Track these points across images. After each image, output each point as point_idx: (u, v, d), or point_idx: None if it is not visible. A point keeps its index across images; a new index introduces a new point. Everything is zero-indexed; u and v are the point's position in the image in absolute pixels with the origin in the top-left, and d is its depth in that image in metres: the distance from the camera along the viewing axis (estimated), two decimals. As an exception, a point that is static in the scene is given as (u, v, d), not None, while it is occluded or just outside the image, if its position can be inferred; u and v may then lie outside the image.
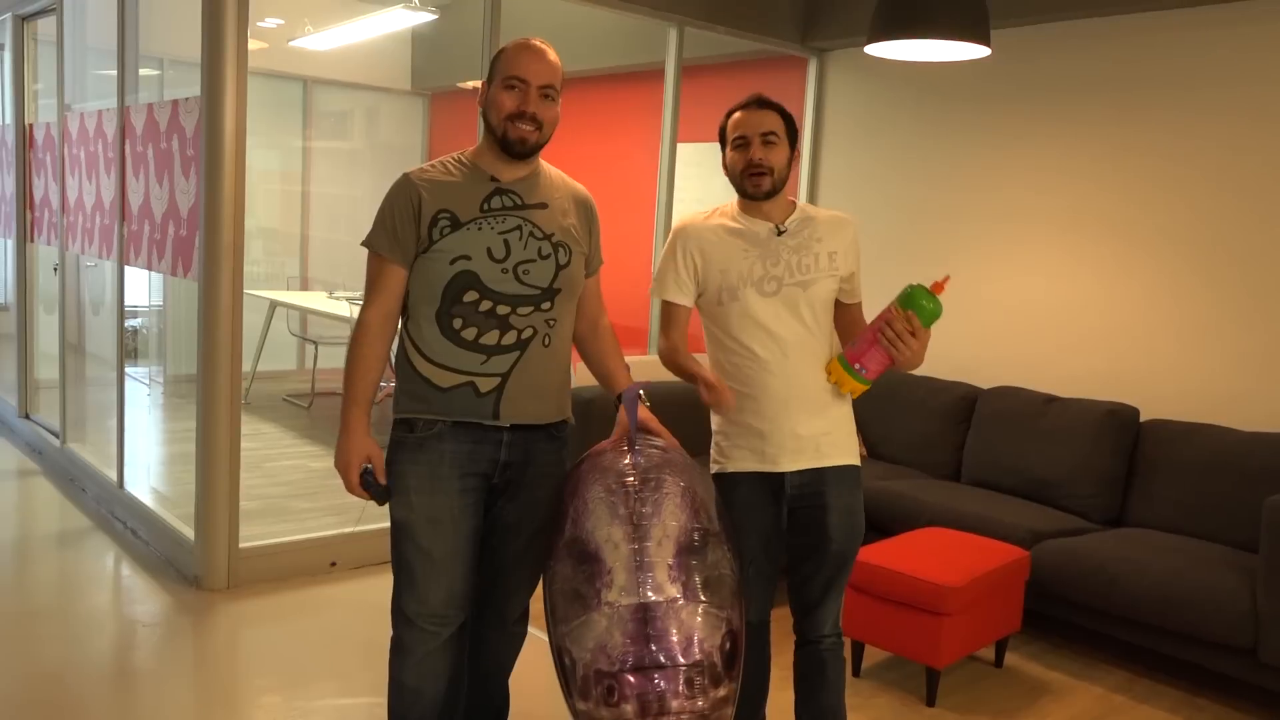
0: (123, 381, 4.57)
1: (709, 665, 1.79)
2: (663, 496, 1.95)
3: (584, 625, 1.83)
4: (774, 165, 2.34)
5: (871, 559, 3.33)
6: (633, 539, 1.87)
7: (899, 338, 2.23)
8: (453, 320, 2.14)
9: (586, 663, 1.80)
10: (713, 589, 1.88)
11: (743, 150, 2.35)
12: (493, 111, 2.17)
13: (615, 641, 1.78)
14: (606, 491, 1.97)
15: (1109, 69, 4.33)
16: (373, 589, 3.91)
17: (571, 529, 1.98)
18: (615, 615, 1.80)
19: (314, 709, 2.98)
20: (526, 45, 2.17)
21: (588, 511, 1.96)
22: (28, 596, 3.67)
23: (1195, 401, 4.09)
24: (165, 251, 4.03)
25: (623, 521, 1.90)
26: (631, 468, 2.01)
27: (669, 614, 1.80)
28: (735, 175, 2.38)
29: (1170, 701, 3.36)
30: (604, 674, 1.77)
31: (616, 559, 1.86)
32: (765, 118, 2.34)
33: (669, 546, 1.88)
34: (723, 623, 1.85)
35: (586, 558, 1.90)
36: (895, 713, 3.18)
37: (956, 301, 4.89)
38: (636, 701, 1.75)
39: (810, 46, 5.35)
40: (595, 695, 1.78)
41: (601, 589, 1.84)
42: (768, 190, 2.35)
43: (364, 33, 6.88)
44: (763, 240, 2.37)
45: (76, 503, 4.73)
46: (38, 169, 5.55)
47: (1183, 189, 4.13)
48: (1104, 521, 4.01)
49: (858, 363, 2.31)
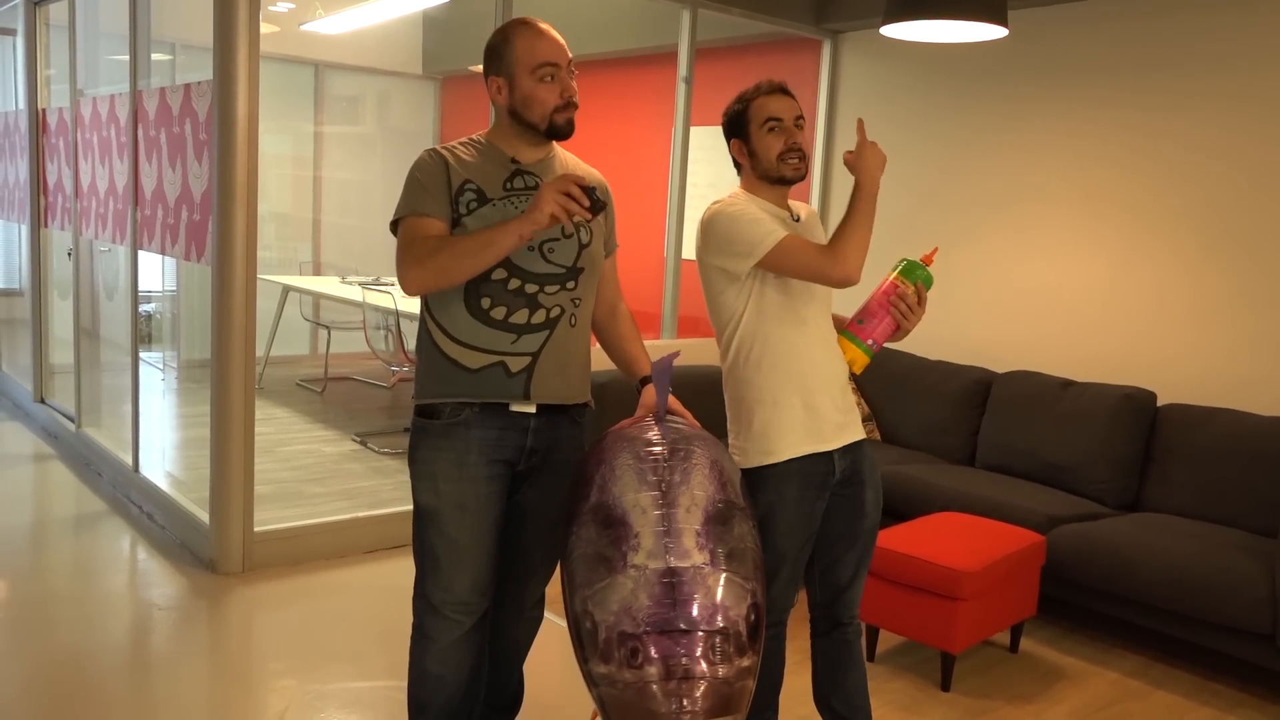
0: (137, 366, 4.58)
1: (734, 634, 1.76)
2: (691, 466, 1.93)
3: (608, 588, 1.80)
4: (806, 150, 2.36)
5: (887, 543, 3.32)
6: (660, 504, 1.85)
7: (911, 310, 2.29)
8: (481, 299, 2.11)
9: (609, 625, 1.77)
10: (738, 560, 1.85)
11: (778, 133, 2.31)
12: (534, 107, 2.12)
13: (640, 604, 1.75)
14: (635, 459, 1.95)
15: (1126, 51, 4.28)
16: (386, 572, 3.92)
17: (598, 494, 1.94)
18: (641, 578, 1.78)
19: (329, 692, 2.99)
20: (536, 29, 2.12)
21: (615, 477, 1.93)
22: (45, 580, 3.69)
23: (1211, 385, 4.06)
24: (179, 236, 4.03)
25: (651, 487, 1.88)
26: (660, 437, 1.99)
27: (695, 579, 1.78)
28: (770, 158, 2.32)
29: (1186, 687, 3.35)
30: (628, 635, 1.75)
31: (644, 523, 1.83)
32: (794, 103, 2.34)
33: (697, 514, 1.85)
34: (748, 594, 1.82)
35: (612, 522, 1.87)
36: (910, 697, 3.17)
37: (971, 285, 4.86)
38: (661, 664, 1.72)
39: (824, 28, 5.31)
40: (618, 657, 1.75)
41: (628, 552, 1.81)
42: (804, 173, 2.35)
43: (375, 16, 6.86)
44: (789, 225, 2.36)
45: (92, 487, 4.75)
46: (51, 154, 5.55)
47: (1198, 172, 4.08)
48: (1120, 506, 3.99)
49: (870, 339, 2.34)
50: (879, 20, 3.45)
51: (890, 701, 3.13)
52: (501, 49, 2.14)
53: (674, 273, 5.25)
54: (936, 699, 3.17)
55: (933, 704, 3.14)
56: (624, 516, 1.86)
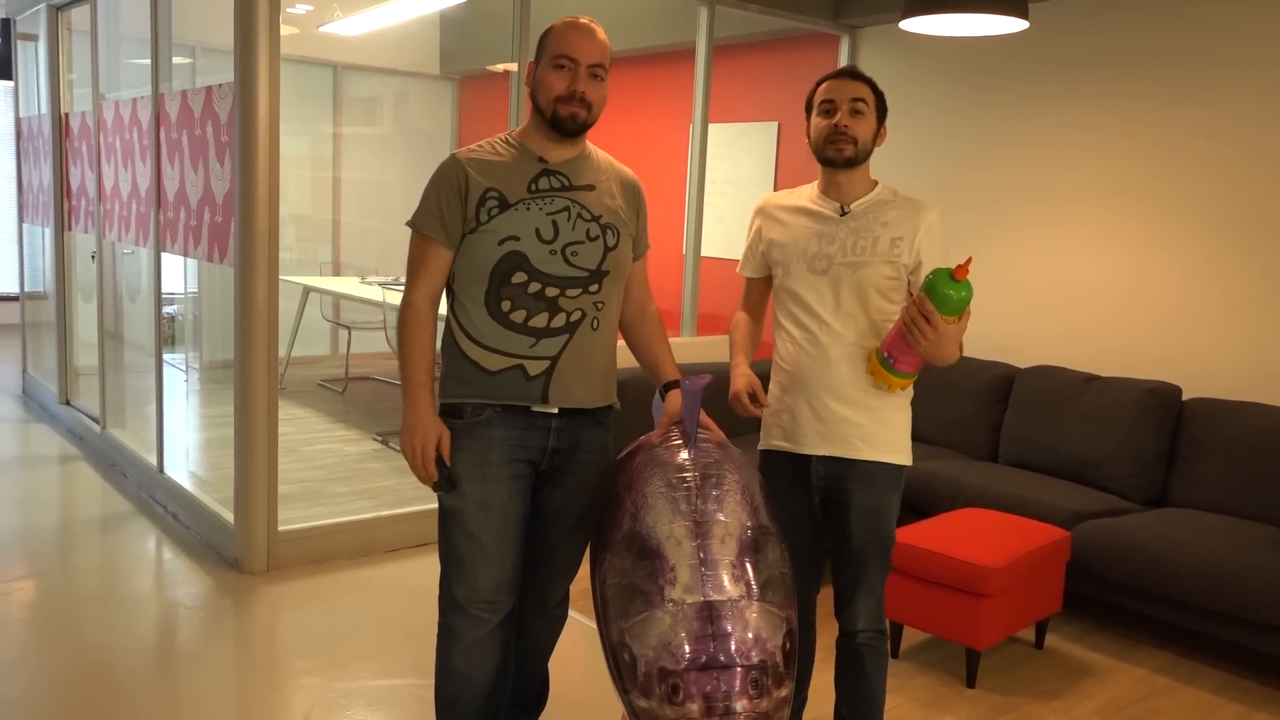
0: (160, 368, 4.62)
1: (772, 666, 1.78)
2: (724, 494, 1.94)
3: (646, 622, 1.82)
4: (859, 135, 2.27)
5: (910, 540, 3.30)
6: (695, 535, 1.86)
7: (914, 323, 2.09)
8: (501, 302, 2.12)
9: (649, 660, 1.79)
10: (773, 588, 1.87)
11: (828, 115, 2.29)
12: (542, 92, 2.15)
13: (679, 640, 1.77)
14: (667, 487, 1.96)
15: (1148, 43, 4.24)
16: (409, 571, 3.94)
17: (630, 523, 1.96)
18: (680, 613, 1.80)
19: (353, 690, 3.00)
20: (575, 24, 2.14)
21: (647, 506, 1.95)
22: (72, 580, 3.73)
23: (1237, 379, 4.02)
24: (201, 238, 4.05)
25: (684, 517, 1.89)
26: (691, 463, 2.00)
27: (733, 613, 1.80)
28: (818, 141, 2.31)
29: (1215, 683, 3.32)
30: (668, 672, 1.77)
31: (679, 556, 1.85)
32: (856, 86, 2.29)
33: (731, 545, 1.87)
34: (783, 623, 1.85)
35: (648, 553, 1.88)
36: (935, 694, 3.16)
37: (994, 280, 4.83)
38: (702, 701, 1.74)
39: (842, 23, 5.28)
40: (659, 693, 1.77)
41: (664, 585, 1.83)
42: (849, 157, 2.27)
43: (392, 17, 6.88)
44: (826, 219, 2.33)
45: (118, 487, 4.79)
46: (74, 158, 5.60)
47: (1222, 165, 4.04)
48: (1145, 502, 3.96)
49: (888, 352, 2.22)
50: (897, 15, 3.43)
51: (914, 699, 3.12)
52: (545, 36, 2.19)
53: (693, 270, 5.24)
54: (961, 696, 3.16)
55: (958, 701, 3.12)
56: (659, 548, 1.88)
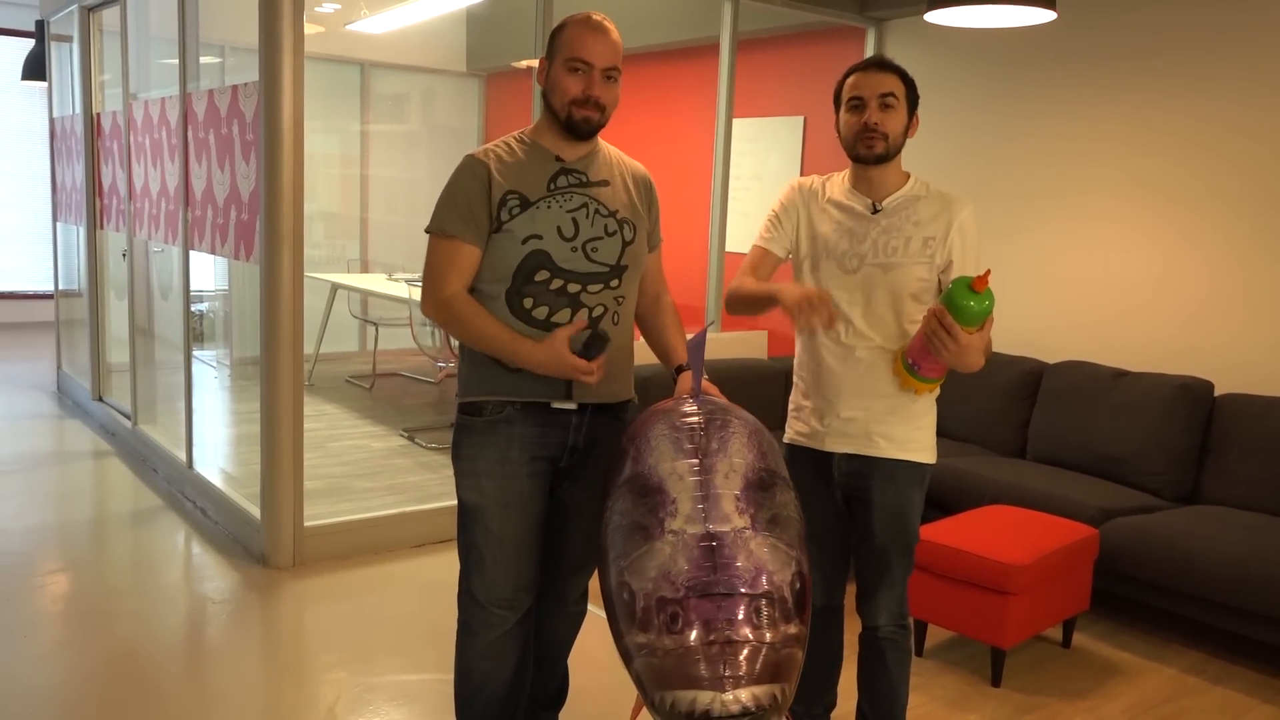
0: (190, 365, 4.67)
1: (779, 598, 1.67)
2: (729, 434, 1.87)
3: (646, 554, 1.73)
4: (890, 130, 2.23)
5: (935, 537, 3.27)
6: (698, 471, 1.79)
7: (934, 335, 2.08)
8: (523, 300, 2.12)
9: (648, 592, 1.69)
10: (781, 526, 1.78)
11: (858, 112, 2.24)
12: (556, 94, 2.14)
13: (679, 568, 1.68)
14: (670, 429, 1.89)
15: (1179, 35, 4.17)
16: (435, 567, 3.96)
17: (632, 466, 1.89)
18: (680, 542, 1.71)
19: (379, 684, 3.02)
20: (588, 23, 2.13)
21: (650, 448, 1.88)
22: (104, 574, 3.78)
23: (1269, 374, 3.95)
24: (228, 236, 4.09)
25: (687, 455, 1.82)
26: (696, 409, 1.94)
27: (736, 543, 1.70)
28: (849, 138, 2.28)
29: (1246, 684, 3.27)
30: (667, 601, 1.66)
31: (681, 489, 1.77)
32: (884, 79, 2.23)
33: (736, 480, 1.79)
34: (792, 561, 1.74)
35: (648, 491, 1.81)
36: (960, 693, 3.13)
37: (1021, 275, 4.78)
38: (701, 628, 1.63)
39: (868, 16, 5.24)
40: (657, 624, 1.67)
41: (665, 518, 1.74)
42: (880, 153, 2.24)
43: (419, 14, 6.91)
44: (857, 215, 2.30)
45: (148, 483, 4.85)
46: (105, 157, 5.67)
47: (1253, 158, 3.97)
48: (1176, 499, 3.90)
49: (912, 359, 2.22)
50: (923, 7, 3.39)
51: (939, 697, 3.10)
52: (556, 33, 2.17)
53: (718, 265, 5.23)
54: (987, 694, 3.13)
55: (983, 700, 3.10)
56: (660, 484, 1.80)
